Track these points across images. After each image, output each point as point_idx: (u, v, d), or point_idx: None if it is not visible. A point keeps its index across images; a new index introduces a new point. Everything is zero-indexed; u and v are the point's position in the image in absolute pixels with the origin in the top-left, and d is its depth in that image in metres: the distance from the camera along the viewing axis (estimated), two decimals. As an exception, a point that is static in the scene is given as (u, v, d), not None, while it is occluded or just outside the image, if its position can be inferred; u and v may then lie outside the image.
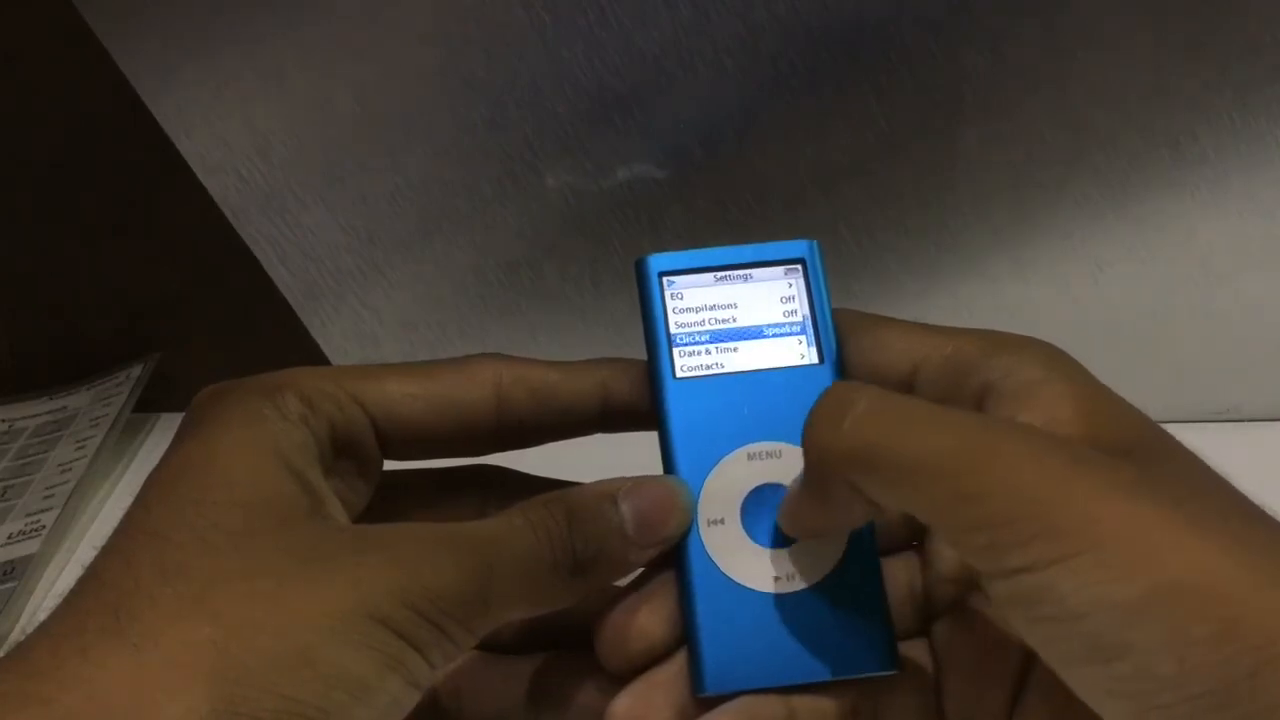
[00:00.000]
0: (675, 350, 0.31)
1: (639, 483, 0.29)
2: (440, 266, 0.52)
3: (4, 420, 0.66)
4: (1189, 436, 0.26)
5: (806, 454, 0.26)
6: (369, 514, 0.31)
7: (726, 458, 0.30)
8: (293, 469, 0.26)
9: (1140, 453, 0.24)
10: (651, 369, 0.31)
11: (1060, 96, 0.42)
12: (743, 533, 0.30)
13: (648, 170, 0.47)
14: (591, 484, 0.29)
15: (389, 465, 0.31)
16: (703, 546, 0.29)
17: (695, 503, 0.30)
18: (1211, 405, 0.50)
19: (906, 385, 0.29)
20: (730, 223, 0.48)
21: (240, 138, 0.48)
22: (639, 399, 0.31)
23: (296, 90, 0.47)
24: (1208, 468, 0.25)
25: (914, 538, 0.31)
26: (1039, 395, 0.26)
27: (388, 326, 0.55)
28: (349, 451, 0.29)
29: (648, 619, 0.29)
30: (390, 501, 0.32)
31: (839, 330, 0.31)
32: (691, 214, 0.48)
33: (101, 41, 0.46)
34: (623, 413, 0.31)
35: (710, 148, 0.46)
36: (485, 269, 0.52)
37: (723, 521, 0.30)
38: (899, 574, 0.30)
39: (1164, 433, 0.26)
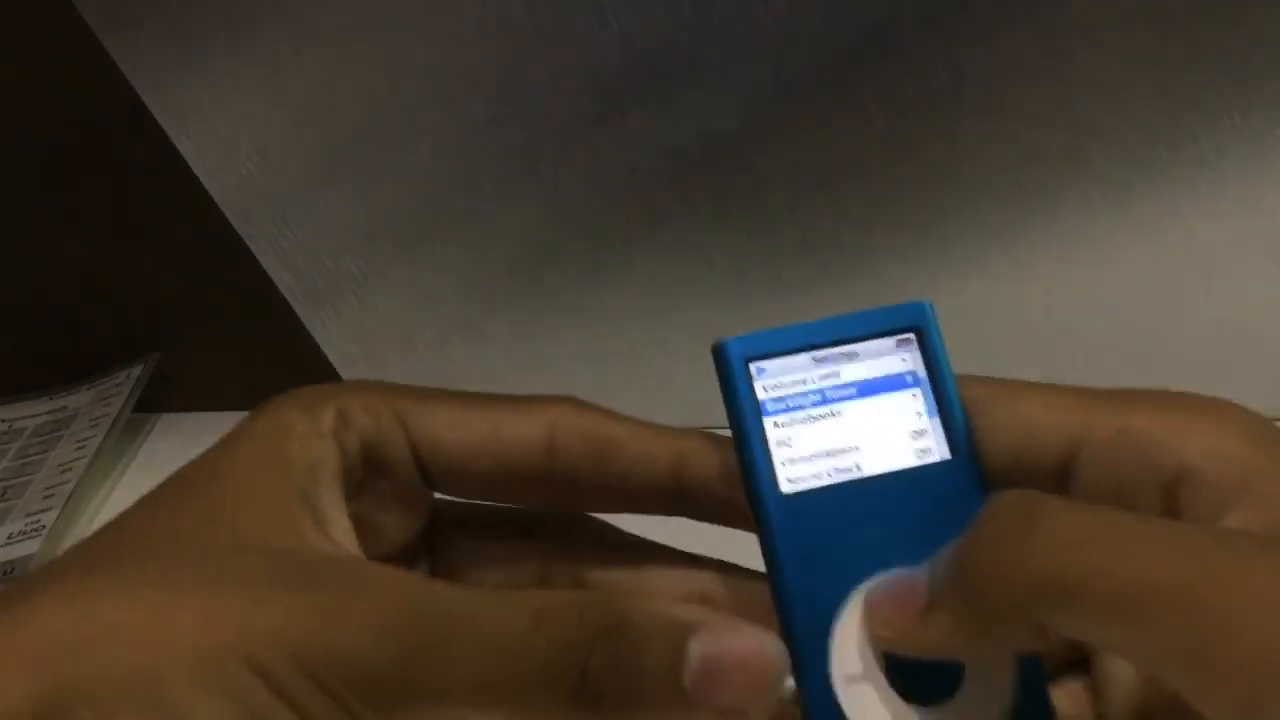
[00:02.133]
0: (778, 459, 0.25)
1: (727, 628, 0.22)
2: (440, 266, 0.52)
3: (4, 420, 0.66)
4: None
5: (969, 579, 0.21)
6: (414, 547, 0.28)
7: (859, 594, 0.24)
8: (301, 490, 0.24)
9: None
10: (749, 482, 0.25)
11: (1060, 96, 0.42)
12: (889, 690, 0.24)
13: (648, 169, 0.47)
14: (663, 602, 0.23)
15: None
16: (840, 714, 0.23)
17: (790, 667, 0.23)
18: (1211, 405, 0.50)
19: (1063, 472, 0.24)
20: (730, 222, 0.48)
21: (240, 138, 0.48)
22: (726, 490, 0.26)
23: (296, 90, 0.47)
24: None
25: (1075, 655, 0.26)
26: (1252, 485, 0.21)
27: (388, 326, 0.55)
28: (383, 471, 0.27)
29: None
30: (440, 537, 0.29)
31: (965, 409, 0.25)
32: (691, 214, 0.48)
33: (101, 41, 0.46)
34: (705, 498, 0.26)
35: (710, 148, 0.46)
36: (485, 269, 0.52)
37: (862, 677, 0.24)
38: (1063, 708, 0.25)
39: None
